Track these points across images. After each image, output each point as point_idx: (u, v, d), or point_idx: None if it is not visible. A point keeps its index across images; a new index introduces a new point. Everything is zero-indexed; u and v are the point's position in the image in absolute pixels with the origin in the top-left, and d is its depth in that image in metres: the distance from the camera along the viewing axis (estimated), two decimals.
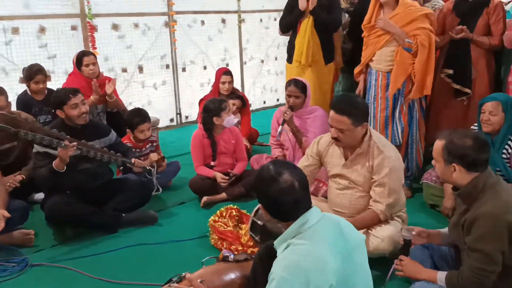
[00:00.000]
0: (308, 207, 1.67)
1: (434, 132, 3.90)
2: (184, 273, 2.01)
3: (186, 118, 6.33)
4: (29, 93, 4.03)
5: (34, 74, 3.93)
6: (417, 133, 3.65)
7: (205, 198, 3.58)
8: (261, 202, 1.72)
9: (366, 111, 2.59)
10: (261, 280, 1.97)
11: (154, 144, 3.99)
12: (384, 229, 2.54)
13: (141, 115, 3.78)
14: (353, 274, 1.62)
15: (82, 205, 3.11)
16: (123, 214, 3.24)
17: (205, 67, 6.38)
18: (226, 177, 3.65)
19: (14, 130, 2.91)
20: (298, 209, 1.65)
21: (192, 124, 6.19)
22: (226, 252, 2.32)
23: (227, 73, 4.67)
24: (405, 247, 2.19)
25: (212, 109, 3.65)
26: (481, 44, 3.66)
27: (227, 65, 6.53)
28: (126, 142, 3.74)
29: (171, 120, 6.20)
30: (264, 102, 7.33)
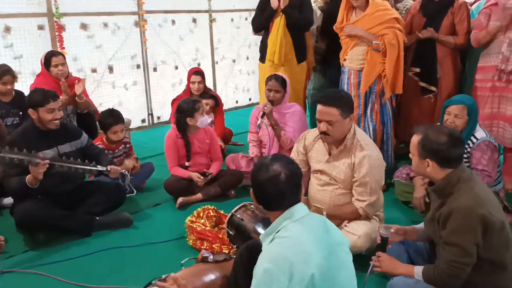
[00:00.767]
0: (295, 202, 1.71)
1: (403, 129, 4.01)
2: (164, 275, 2.00)
3: (158, 118, 6.26)
4: None
5: (2, 74, 3.80)
6: (391, 130, 3.73)
7: (180, 199, 3.55)
8: (252, 187, 1.78)
9: (352, 103, 2.66)
10: (242, 279, 1.98)
11: (127, 145, 3.93)
12: (361, 226, 2.59)
13: (114, 116, 3.71)
14: (336, 270, 1.65)
15: (54, 209, 3.04)
16: (97, 217, 3.18)
17: (176, 67, 6.32)
18: (201, 176, 3.63)
19: None
20: (282, 200, 1.70)
21: (164, 124, 6.13)
22: (205, 252, 2.30)
23: (197, 73, 4.65)
24: (382, 245, 2.23)
25: (185, 109, 3.62)
26: (446, 43, 3.78)
27: (199, 64, 6.50)
28: (99, 144, 3.67)
29: (143, 120, 6.12)
30: (236, 102, 7.32)
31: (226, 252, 2.64)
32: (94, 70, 5.45)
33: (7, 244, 2.98)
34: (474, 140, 2.97)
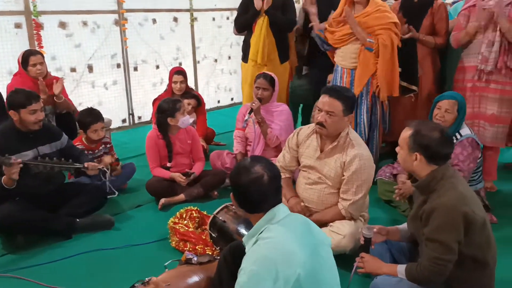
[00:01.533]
0: (276, 204, 1.71)
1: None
2: (147, 278, 1.97)
3: (139, 118, 6.19)
4: None
5: None
6: (378, 128, 3.75)
7: (162, 200, 3.51)
8: (232, 190, 1.76)
9: (354, 103, 2.69)
10: (226, 281, 1.97)
11: (108, 145, 3.87)
12: (346, 226, 2.60)
13: (93, 115, 3.66)
14: (320, 269, 1.66)
15: (34, 211, 2.97)
16: (78, 219, 3.12)
17: (157, 66, 6.26)
18: (183, 176, 3.60)
19: None
20: (265, 202, 1.70)
21: (145, 124, 6.07)
22: (189, 254, 2.29)
23: (179, 72, 4.60)
24: (365, 245, 2.25)
25: (166, 109, 3.58)
26: (427, 43, 3.84)
27: (180, 64, 6.45)
28: (78, 144, 3.61)
29: (123, 120, 6.05)
30: (218, 102, 7.29)
31: (210, 253, 2.63)
32: (73, 70, 5.36)
33: None
34: (459, 136, 3.02)
